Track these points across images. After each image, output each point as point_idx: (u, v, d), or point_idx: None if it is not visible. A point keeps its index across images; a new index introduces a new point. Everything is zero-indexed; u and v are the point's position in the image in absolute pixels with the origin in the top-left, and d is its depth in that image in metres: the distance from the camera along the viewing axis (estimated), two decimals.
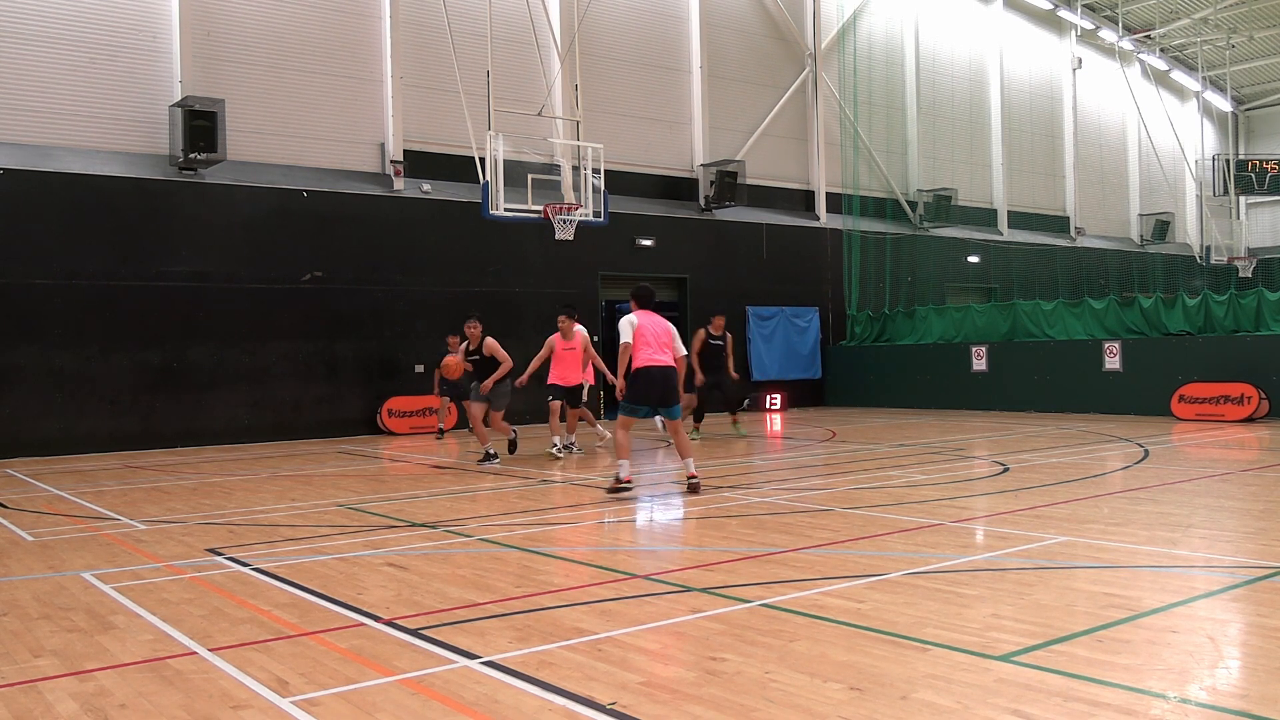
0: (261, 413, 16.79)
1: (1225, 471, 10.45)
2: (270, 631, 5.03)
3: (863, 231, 24.43)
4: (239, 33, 17.02)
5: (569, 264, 19.59)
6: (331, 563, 6.70)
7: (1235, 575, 5.81)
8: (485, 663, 4.41)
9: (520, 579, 6.08)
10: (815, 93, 24.33)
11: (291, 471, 12.41)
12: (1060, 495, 8.93)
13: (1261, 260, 31.12)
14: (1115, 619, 4.85)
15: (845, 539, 7.13)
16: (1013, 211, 28.76)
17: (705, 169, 22.02)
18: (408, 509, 9.03)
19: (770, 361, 22.59)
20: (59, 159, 15.42)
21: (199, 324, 16.26)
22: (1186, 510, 8.10)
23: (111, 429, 15.49)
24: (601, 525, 8.27)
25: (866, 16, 25.53)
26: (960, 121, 27.72)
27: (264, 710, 3.93)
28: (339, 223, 17.53)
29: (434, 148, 18.61)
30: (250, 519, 8.70)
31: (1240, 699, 3.84)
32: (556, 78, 19.21)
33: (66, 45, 15.63)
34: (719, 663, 4.34)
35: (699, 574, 6.08)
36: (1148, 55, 32.13)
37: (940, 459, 12.21)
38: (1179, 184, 33.72)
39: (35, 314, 15.03)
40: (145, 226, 15.89)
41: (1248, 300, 18.24)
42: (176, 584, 6.21)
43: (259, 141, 17.14)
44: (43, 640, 4.98)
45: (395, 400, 17.81)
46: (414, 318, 18.23)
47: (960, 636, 4.62)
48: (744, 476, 11.16)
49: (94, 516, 9.02)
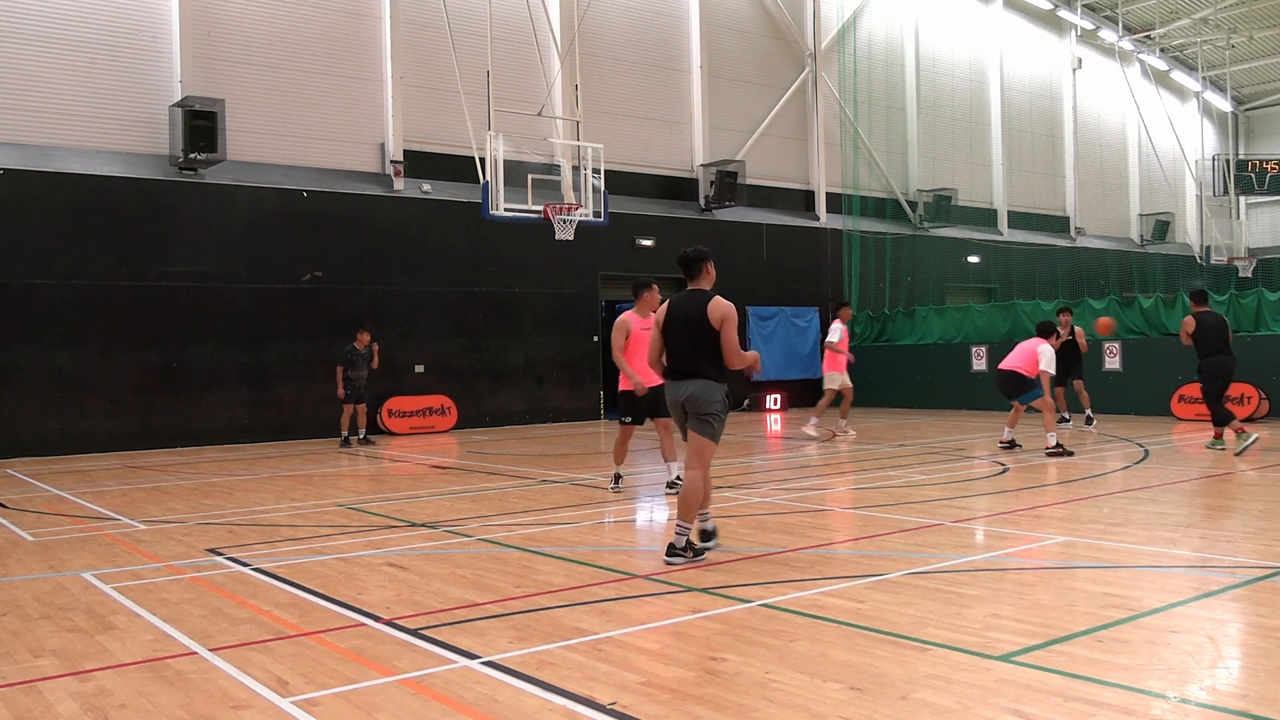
0: (261, 413, 16.78)
1: (1225, 471, 10.45)
2: (270, 631, 5.03)
3: (863, 231, 24.43)
4: (239, 33, 17.02)
5: (569, 264, 19.59)
6: (331, 563, 6.70)
7: (1235, 575, 5.81)
8: (485, 663, 4.41)
9: (520, 579, 6.08)
10: (815, 93, 24.32)
11: (291, 471, 12.41)
12: (1060, 495, 8.93)
13: (1261, 260, 31.13)
14: (1115, 619, 4.85)
15: (845, 539, 7.13)
16: (1013, 211, 28.76)
17: (705, 169, 22.02)
18: (408, 509, 9.03)
19: (770, 361, 22.58)
20: (59, 159, 15.42)
21: (199, 324, 16.25)
22: (1186, 510, 8.10)
23: (111, 429, 15.49)
24: (601, 525, 8.27)
25: (866, 16, 25.53)
26: (960, 121, 27.72)
27: (264, 710, 3.93)
28: (339, 223, 17.53)
29: (434, 148, 18.61)
30: (250, 519, 8.70)
31: (1240, 699, 3.84)
32: (556, 78, 19.20)
33: (66, 45, 15.62)
34: (719, 663, 4.34)
35: (699, 574, 6.08)
36: (1148, 55, 32.13)
37: (940, 459, 12.21)
38: (1179, 184, 33.72)
39: (35, 314, 15.03)
40: (145, 226, 15.89)
41: (1248, 300, 18.23)
42: (176, 584, 6.21)
43: (259, 141, 17.13)
44: (43, 640, 4.98)
45: (395, 400, 17.80)
46: (414, 318, 18.22)
47: (960, 636, 4.62)
48: (744, 476, 11.16)
49: (94, 516, 9.02)
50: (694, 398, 6.43)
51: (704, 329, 6.41)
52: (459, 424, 18.37)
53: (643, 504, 9.28)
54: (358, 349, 15.37)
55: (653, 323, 7.05)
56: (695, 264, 6.67)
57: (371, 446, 15.58)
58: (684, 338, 6.50)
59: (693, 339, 6.46)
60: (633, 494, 9.78)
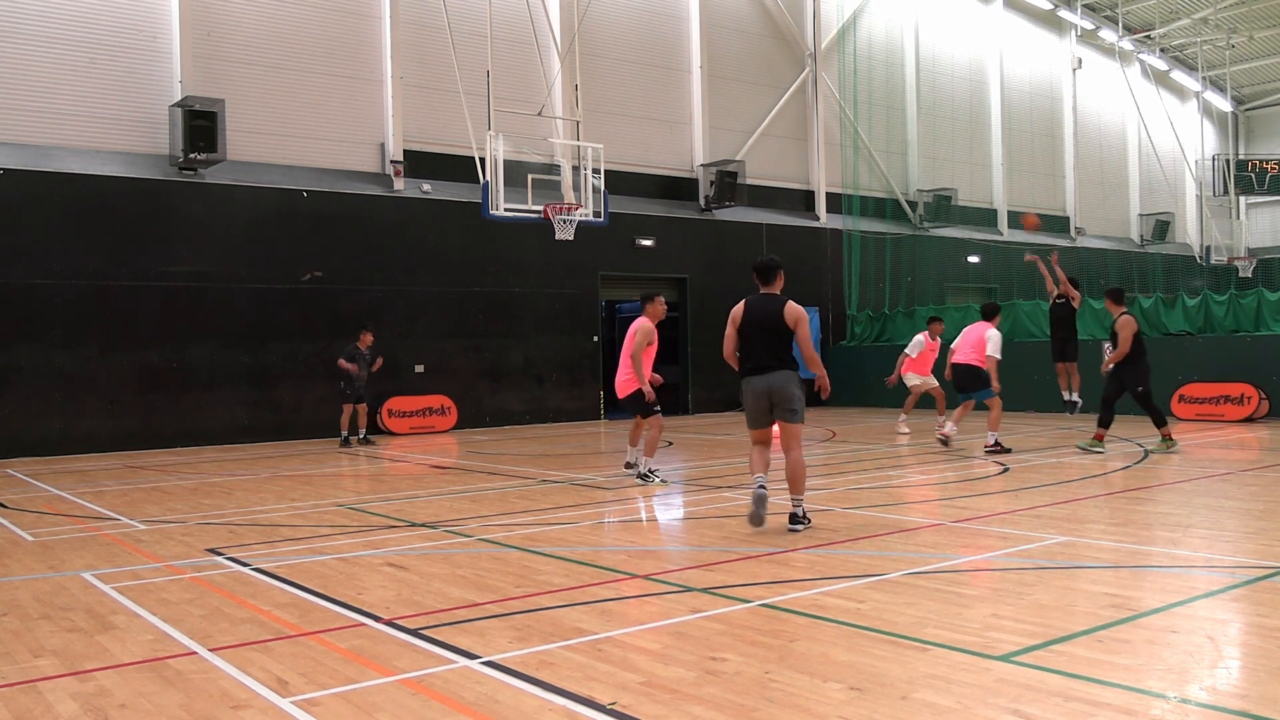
0: (261, 413, 16.78)
1: (1225, 471, 10.45)
2: (270, 631, 5.03)
3: (863, 231, 24.42)
4: (239, 33, 17.02)
5: (569, 264, 19.59)
6: (331, 563, 6.70)
7: (1235, 575, 5.81)
8: (485, 663, 4.41)
9: (520, 579, 6.08)
10: (815, 93, 24.32)
11: (291, 471, 12.41)
12: (1060, 495, 8.93)
13: (1261, 260, 31.10)
14: (1115, 619, 4.85)
15: (845, 539, 7.13)
16: (1013, 211, 28.74)
17: (705, 169, 22.02)
18: (408, 509, 9.03)
19: None
20: (59, 159, 15.42)
21: (199, 324, 16.25)
22: (1186, 510, 8.10)
23: (111, 429, 15.49)
24: (602, 525, 8.27)
25: (866, 16, 25.52)
26: (960, 121, 27.72)
27: (264, 710, 3.93)
28: (339, 223, 17.53)
29: (434, 148, 18.61)
30: (250, 519, 8.70)
31: (1240, 699, 3.84)
32: (556, 78, 19.21)
33: (66, 45, 15.62)
34: (719, 663, 4.34)
35: (699, 574, 6.08)
36: (1148, 55, 32.12)
37: (940, 459, 12.21)
38: (1179, 184, 33.71)
39: (35, 314, 15.03)
40: (145, 226, 15.89)
41: (1248, 300, 18.23)
42: (176, 584, 6.21)
43: (259, 141, 17.13)
44: (43, 640, 4.98)
45: (395, 400, 17.80)
46: (414, 318, 18.23)
47: (960, 636, 4.62)
48: (744, 476, 11.15)
49: (94, 516, 9.02)
50: (776, 388, 7.42)
51: (781, 328, 7.43)
52: (459, 424, 18.37)
53: (642, 504, 9.28)
54: (360, 348, 15.37)
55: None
56: (771, 271, 7.67)
57: (371, 446, 15.58)
58: (764, 335, 7.49)
59: (772, 336, 7.46)
60: (629, 495, 9.78)
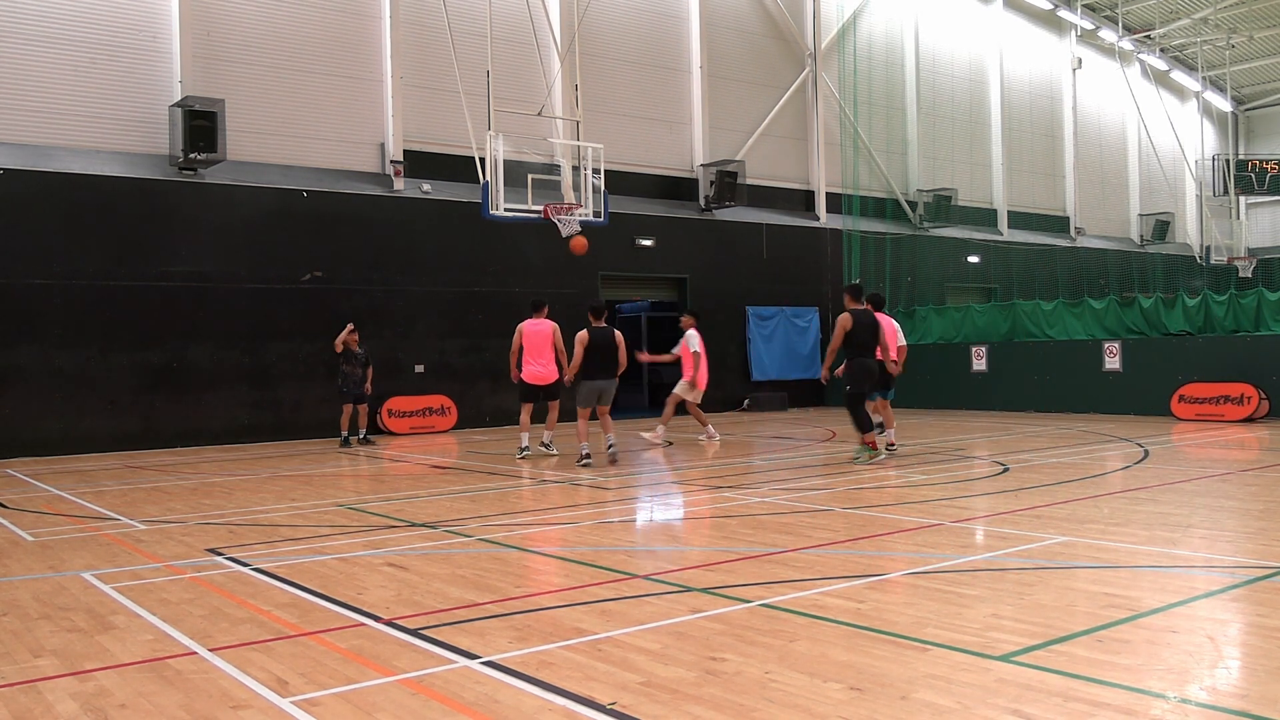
0: (261, 413, 16.78)
1: (1225, 471, 10.45)
2: (270, 631, 5.03)
3: (863, 231, 24.42)
4: (239, 33, 17.02)
5: (569, 264, 19.51)
6: (331, 563, 6.70)
7: (1235, 575, 5.81)
8: (485, 663, 4.41)
9: (520, 579, 6.08)
10: (815, 93, 24.32)
11: (291, 471, 12.41)
12: (1060, 495, 8.93)
13: (1261, 260, 31.11)
14: (1115, 619, 4.85)
15: (845, 539, 7.13)
16: (1013, 211, 28.76)
17: (705, 169, 22.02)
18: (408, 509, 9.03)
19: (770, 362, 22.58)
20: (59, 159, 15.42)
21: (199, 324, 16.25)
22: (1186, 510, 8.10)
23: (111, 429, 15.49)
24: (601, 525, 8.27)
25: (866, 16, 25.53)
26: (960, 121, 27.72)
27: (264, 710, 3.93)
28: (339, 223, 17.52)
29: (434, 148, 18.61)
30: (250, 519, 8.70)
31: (1240, 699, 3.84)
32: (556, 78, 19.21)
33: (66, 45, 15.62)
34: (719, 663, 4.34)
35: (699, 574, 6.08)
36: (1148, 55, 32.12)
37: (940, 459, 12.21)
38: (1179, 184, 33.72)
39: (35, 314, 15.03)
40: (145, 226, 15.89)
41: (1247, 300, 18.24)
42: (176, 584, 6.21)
43: (259, 141, 17.14)
44: (43, 640, 4.98)
45: (395, 400, 17.80)
46: (414, 318, 18.22)
47: (960, 636, 4.62)
48: (744, 476, 11.16)
49: (94, 516, 9.02)
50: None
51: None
52: (459, 424, 18.37)
53: (642, 504, 9.28)
54: (352, 349, 15.39)
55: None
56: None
57: (371, 446, 15.58)
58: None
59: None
60: (632, 494, 9.78)
